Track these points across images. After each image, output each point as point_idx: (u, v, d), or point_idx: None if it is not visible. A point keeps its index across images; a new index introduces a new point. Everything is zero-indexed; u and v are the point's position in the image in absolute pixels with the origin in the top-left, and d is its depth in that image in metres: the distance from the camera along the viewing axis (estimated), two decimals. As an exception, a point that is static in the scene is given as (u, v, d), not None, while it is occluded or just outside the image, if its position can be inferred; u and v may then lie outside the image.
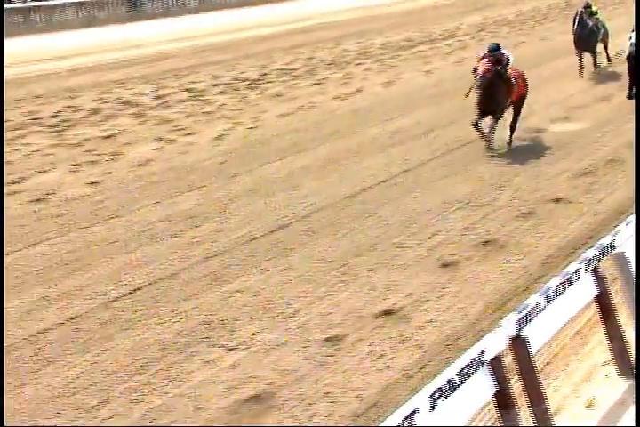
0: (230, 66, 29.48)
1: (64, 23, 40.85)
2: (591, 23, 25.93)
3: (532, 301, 7.65)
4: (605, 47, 27.06)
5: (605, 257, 8.69)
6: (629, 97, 21.40)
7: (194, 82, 26.93)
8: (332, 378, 9.07)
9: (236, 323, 10.42)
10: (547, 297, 7.81)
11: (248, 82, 26.82)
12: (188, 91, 25.58)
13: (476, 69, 17.78)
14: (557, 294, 7.95)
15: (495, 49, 18.19)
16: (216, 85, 26.35)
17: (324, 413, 8.44)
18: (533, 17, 40.25)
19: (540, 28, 36.74)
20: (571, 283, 8.16)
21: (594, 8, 26.63)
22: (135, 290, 11.49)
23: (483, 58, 18.20)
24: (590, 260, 8.46)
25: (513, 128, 18.28)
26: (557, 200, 14.37)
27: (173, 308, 10.88)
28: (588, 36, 25.73)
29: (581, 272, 8.31)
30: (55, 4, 42.04)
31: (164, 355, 9.68)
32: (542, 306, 7.70)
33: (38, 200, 15.60)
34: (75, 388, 9.04)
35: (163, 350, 9.80)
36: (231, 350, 9.78)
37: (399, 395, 8.43)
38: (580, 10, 26.45)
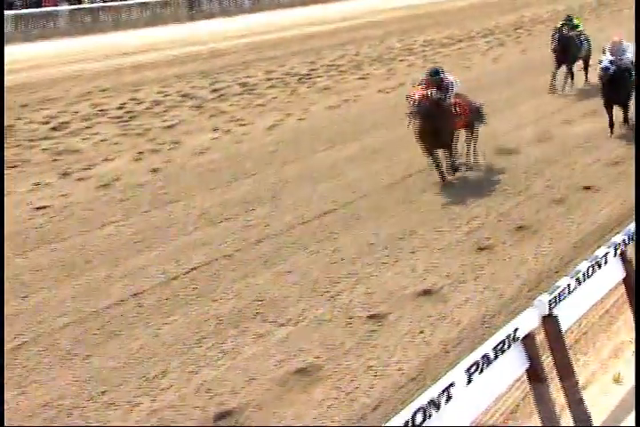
0: (282, 61, 29.45)
1: (130, 22, 41.01)
2: (573, 36, 22.76)
3: (563, 282, 7.61)
4: (586, 66, 23.13)
5: (632, 242, 8.63)
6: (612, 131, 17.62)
7: (248, 76, 26.94)
8: (375, 353, 9.08)
9: (285, 301, 10.45)
10: (577, 279, 7.76)
11: (298, 76, 26.78)
12: (242, 85, 25.59)
13: (410, 97, 14.72)
14: (587, 276, 7.91)
15: (435, 74, 15.18)
16: (268, 80, 26.35)
17: (367, 385, 8.45)
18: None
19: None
20: (599, 266, 8.11)
21: (575, 21, 23.41)
22: (193, 269, 11.54)
23: (420, 83, 15.36)
24: (618, 244, 8.40)
25: (469, 156, 15.71)
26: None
27: (228, 286, 10.92)
28: (568, 49, 22.47)
29: (609, 256, 8.25)
30: (122, 5, 42.21)
31: (219, 330, 9.72)
32: (572, 287, 7.65)
33: (105, 186, 15.69)
34: (137, 359, 9.11)
35: (218, 325, 9.85)
36: (281, 325, 9.80)
37: (437, 369, 8.41)
38: (560, 22, 23.44)
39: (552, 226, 12.65)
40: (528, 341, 6.98)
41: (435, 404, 5.83)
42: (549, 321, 7.32)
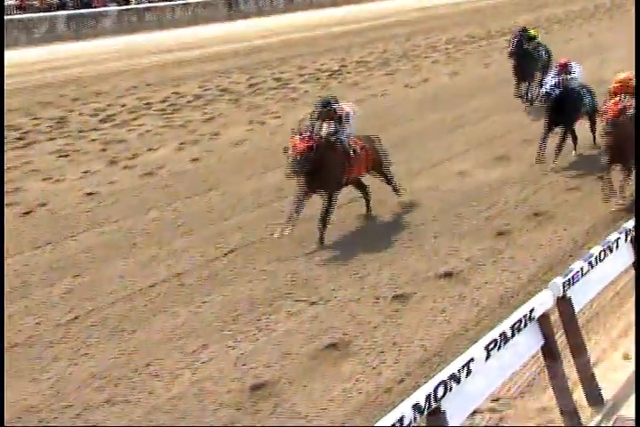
0: (314, 58, 29.41)
1: (173, 22, 41.06)
2: (530, 49, 19.89)
3: (577, 265, 7.59)
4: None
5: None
6: (539, 159, 14.92)
7: (282, 72, 26.93)
8: (400, 330, 9.08)
9: (316, 281, 10.46)
10: (589, 262, 7.74)
11: (329, 72, 26.74)
12: (276, 80, 25.58)
13: (290, 149, 11.46)
14: (599, 259, 7.87)
15: (325, 105, 11.98)
16: (301, 75, 26.32)
17: (393, 360, 8.46)
18: (581, 15, 39.56)
19: (588, 25, 36.10)
20: (611, 250, 8.07)
21: (532, 31, 20.50)
22: (230, 252, 11.58)
23: (312, 115, 12.10)
24: (629, 230, 8.36)
25: (367, 202, 12.79)
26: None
27: (263, 267, 10.94)
28: (526, 64, 19.55)
29: (621, 241, 8.21)
30: (166, 5, 42.26)
31: (255, 307, 9.75)
32: (585, 270, 7.63)
33: (149, 174, 15.75)
34: (179, 334, 9.16)
35: (253, 303, 9.88)
36: (312, 304, 9.82)
37: (458, 345, 8.41)
38: (516, 33, 20.36)
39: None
40: (543, 320, 6.97)
41: (455, 378, 5.83)
42: (563, 302, 7.30)
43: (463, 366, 5.94)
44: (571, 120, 15.07)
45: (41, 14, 37.51)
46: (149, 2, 42.32)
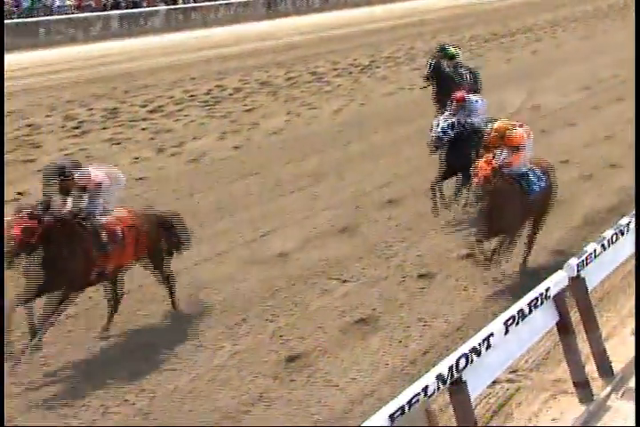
0: (346, 54, 29.28)
1: (216, 20, 41.00)
2: (451, 71, 15.84)
3: (590, 248, 7.53)
4: None
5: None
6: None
7: (317, 67, 26.83)
8: (425, 306, 9.07)
9: (347, 261, 10.45)
10: (602, 245, 7.68)
11: (360, 67, 26.63)
12: (312, 74, 25.51)
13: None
14: (611, 242, 7.81)
15: (60, 173, 8.07)
16: (335, 70, 26.22)
17: (418, 334, 8.45)
18: (597, 15, 39.11)
19: (602, 24, 35.68)
20: (622, 234, 8.00)
21: (452, 49, 16.28)
22: (267, 233, 11.59)
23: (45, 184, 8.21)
24: (640, 215, 8.28)
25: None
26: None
27: (298, 249, 10.94)
28: (448, 88, 14.82)
29: (632, 225, 8.14)
30: (210, 5, 42.21)
31: (291, 285, 9.76)
32: (598, 252, 7.57)
33: (194, 160, 15.78)
34: (220, 309, 9.18)
35: (289, 281, 9.88)
36: (344, 282, 9.82)
37: (479, 320, 8.36)
38: (434, 55, 16.14)
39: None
40: (558, 298, 6.94)
41: (476, 351, 5.82)
42: (577, 282, 7.26)
43: (483, 340, 5.92)
44: (469, 164, 10.77)
45: (96, 13, 37.61)
46: (195, 2, 42.28)
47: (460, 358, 5.67)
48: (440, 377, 5.51)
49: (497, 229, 9.58)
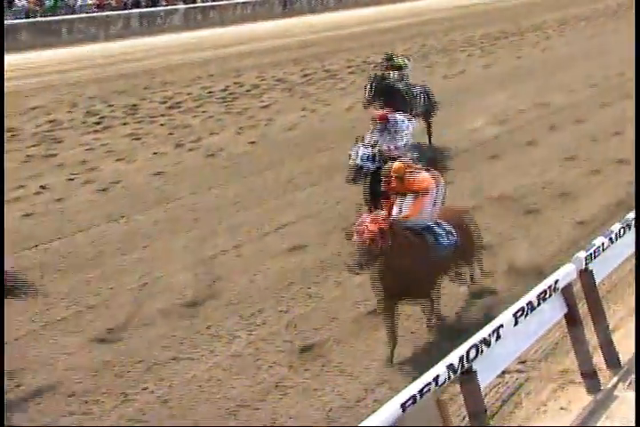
0: (359, 52, 29.20)
1: (233, 19, 40.98)
2: (400, 87, 13.90)
3: (598, 241, 7.50)
4: (429, 127, 14.80)
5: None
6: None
7: (331, 64, 26.79)
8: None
9: (361, 253, 10.41)
10: (610, 238, 7.65)
11: (374, 64, 26.51)
12: (327, 71, 25.47)
13: None
14: (618, 236, 7.78)
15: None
16: (348, 67, 26.17)
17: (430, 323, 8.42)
18: (606, 13, 38.88)
19: (611, 23, 35.48)
20: (630, 228, 7.96)
21: (400, 60, 14.57)
22: (283, 226, 11.59)
23: None
24: (647, 209, 8.24)
25: None
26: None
27: (312, 241, 10.93)
28: (397, 106, 12.95)
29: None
30: (228, 4, 42.18)
31: (305, 277, 9.76)
32: (606, 246, 7.54)
33: (211, 155, 15.78)
34: (236, 300, 9.19)
35: (304, 273, 9.88)
36: (356, 273, 9.78)
37: (489, 312, 8.33)
38: (378, 67, 14.76)
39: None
40: (567, 290, 6.92)
41: (486, 342, 5.81)
42: (585, 274, 7.24)
43: (493, 331, 5.91)
44: None
45: (117, 12, 37.64)
46: (213, 1, 42.29)
47: (470, 348, 5.67)
48: (451, 367, 5.50)
49: (400, 293, 7.75)
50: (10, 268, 7.94)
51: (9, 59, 28.59)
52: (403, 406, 5.09)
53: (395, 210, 7.90)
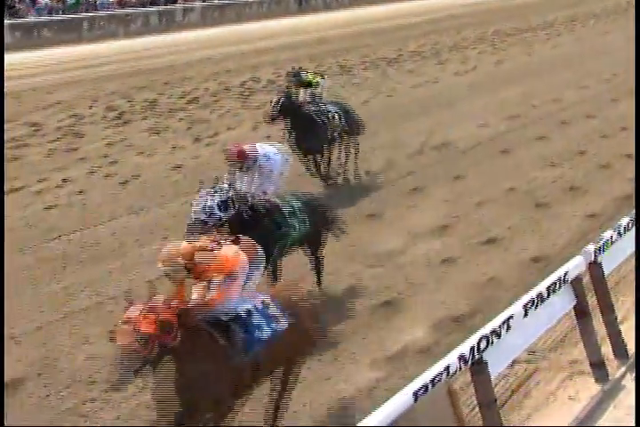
0: (374, 48, 29.15)
1: (250, 16, 40.98)
2: (309, 108, 12.31)
3: (607, 234, 7.47)
4: (348, 150, 12.96)
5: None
6: None
7: (346, 60, 26.75)
8: (448, 289, 9.03)
9: (373, 246, 10.41)
10: (618, 232, 7.61)
11: (387, 60, 26.51)
12: (341, 67, 25.44)
13: None
14: (627, 229, 7.74)
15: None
16: (363, 63, 26.13)
17: (441, 315, 8.42)
18: (616, 11, 38.65)
19: (621, 20, 35.25)
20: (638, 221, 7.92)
21: (309, 77, 12.97)
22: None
23: None
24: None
25: None
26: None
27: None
28: (305, 128, 11.95)
29: (648, 213, 8.06)
30: (244, 1, 42.18)
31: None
32: (614, 239, 7.51)
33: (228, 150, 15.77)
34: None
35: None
36: (370, 266, 9.79)
37: (499, 304, 8.32)
38: (287, 84, 12.81)
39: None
40: (576, 282, 6.90)
41: (496, 333, 5.80)
42: (594, 267, 7.21)
43: (504, 322, 5.90)
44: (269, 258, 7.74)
45: (136, 10, 37.69)
46: (230, -2, 42.36)
47: (481, 339, 5.65)
48: (462, 357, 5.49)
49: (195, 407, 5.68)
50: None
51: (32, 55, 28.72)
52: (415, 395, 5.08)
53: (193, 296, 5.96)
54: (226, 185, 7.99)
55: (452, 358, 5.43)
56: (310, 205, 8.52)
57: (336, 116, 12.46)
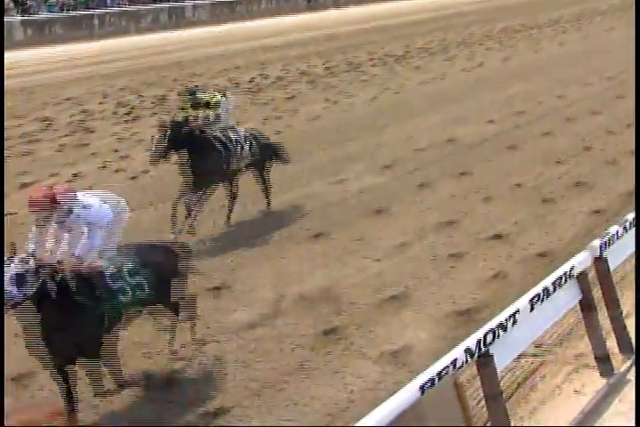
0: (382, 45, 29.14)
1: (259, 13, 40.99)
2: (211, 133, 10.49)
3: (613, 229, 7.45)
4: (264, 183, 11.32)
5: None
6: None
7: (354, 56, 26.74)
8: (455, 284, 9.02)
9: (380, 240, 10.42)
10: (624, 227, 7.60)
11: (395, 57, 26.48)
12: (349, 64, 25.43)
13: None
14: (632, 224, 7.72)
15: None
16: (371, 59, 26.12)
17: (448, 309, 8.41)
18: (623, 8, 38.52)
19: (627, 17, 35.12)
20: (645, 217, 7.90)
21: (208, 96, 10.83)
22: (306, 214, 11.56)
23: None
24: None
25: None
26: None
27: (333, 229, 10.88)
28: (206, 158, 10.29)
29: (654, 208, 8.04)
30: (255, -1, 42.31)
31: (327, 263, 9.71)
32: (620, 234, 7.49)
33: (237, 145, 15.78)
34: (262, 284, 9.17)
35: (326, 259, 9.85)
36: (377, 260, 9.79)
37: (505, 298, 8.31)
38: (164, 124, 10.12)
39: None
40: (582, 277, 6.89)
41: (503, 326, 5.79)
42: (600, 262, 7.20)
43: (510, 316, 5.89)
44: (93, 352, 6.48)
45: (147, 6, 37.73)
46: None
47: (487, 333, 5.65)
48: (468, 351, 5.49)
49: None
50: None
51: (44, 51, 28.77)
52: (421, 388, 5.08)
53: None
54: (26, 251, 6.25)
55: (458, 352, 5.43)
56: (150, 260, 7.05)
57: (243, 143, 10.65)
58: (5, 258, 6.00)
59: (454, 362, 5.33)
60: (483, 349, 5.60)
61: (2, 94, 18.93)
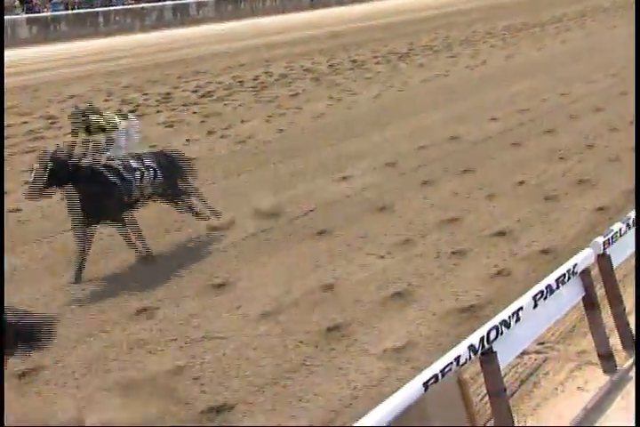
0: (385, 42, 29.12)
1: (263, 10, 40.97)
2: (108, 162, 9.19)
3: (616, 227, 7.44)
4: (186, 204, 10.22)
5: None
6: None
7: (358, 54, 26.73)
8: (458, 281, 9.00)
9: (384, 237, 10.41)
10: (627, 224, 7.58)
11: (399, 55, 26.46)
12: (353, 61, 25.41)
13: None
14: (636, 222, 7.70)
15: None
16: (374, 57, 26.10)
17: (451, 306, 8.40)
18: (625, 6, 38.43)
19: (629, 14, 35.04)
20: (649, 214, 7.88)
21: (102, 119, 9.65)
22: (310, 211, 11.56)
23: None
24: (664, 196, 8.14)
25: None
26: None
27: (338, 225, 10.90)
28: (98, 192, 8.93)
29: (657, 206, 8.01)
30: (259, -4, 42.30)
31: (331, 260, 9.74)
32: (623, 231, 7.47)
33: (241, 142, 15.80)
34: (265, 282, 9.17)
35: (330, 256, 9.86)
36: (381, 257, 9.78)
37: (509, 295, 8.30)
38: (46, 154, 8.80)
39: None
40: (585, 274, 6.87)
41: (506, 323, 5.78)
42: (603, 259, 7.18)
43: (513, 314, 5.88)
44: None
45: (151, 4, 37.71)
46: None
47: (490, 329, 5.64)
48: (472, 348, 5.47)
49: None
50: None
51: (49, 49, 28.78)
52: (425, 384, 5.08)
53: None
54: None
55: (462, 349, 5.42)
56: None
57: (144, 172, 9.34)
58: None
59: (458, 359, 5.32)
60: (486, 346, 5.59)
61: (2, 94, 18.96)
